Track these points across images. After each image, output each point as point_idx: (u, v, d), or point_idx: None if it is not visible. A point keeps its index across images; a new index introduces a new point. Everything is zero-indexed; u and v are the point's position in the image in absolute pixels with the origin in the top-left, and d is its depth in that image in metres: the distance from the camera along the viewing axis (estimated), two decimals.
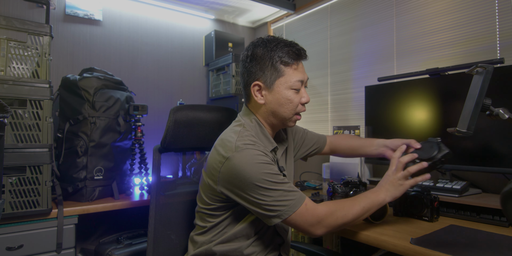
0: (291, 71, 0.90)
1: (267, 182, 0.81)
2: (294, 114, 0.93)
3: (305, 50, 0.94)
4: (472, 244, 0.85)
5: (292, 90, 0.91)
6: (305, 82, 0.94)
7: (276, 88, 0.91)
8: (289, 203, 0.81)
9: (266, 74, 0.90)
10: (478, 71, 0.87)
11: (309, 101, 0.94)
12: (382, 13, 1.83)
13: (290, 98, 0.91)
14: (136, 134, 1.70)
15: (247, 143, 0.85)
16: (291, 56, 0.89)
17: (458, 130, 0.84)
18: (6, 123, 0.78)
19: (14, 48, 1.22)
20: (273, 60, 0.89)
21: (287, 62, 0.89)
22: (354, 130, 1.71)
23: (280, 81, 0.90)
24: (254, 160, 0.81)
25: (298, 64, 0.92)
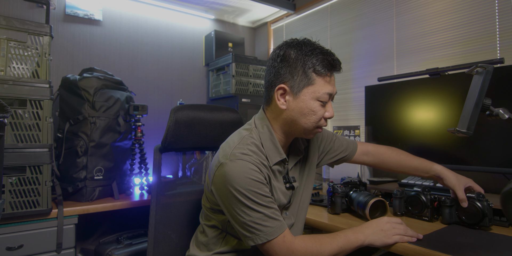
0: (322, 81, 0.83)
1: (250, 200, 0.78)
2: (315, 127, 0.87)
3: (340, 62, 0.86)
4: (472, 244, 0.85)
5: (318, 102, 0.84)
6: (333, 96, 0.88)
7: (302, 96, 0.84)
8: (266, 229, 0.78)
9: (295, 79, 0.84)
10: (478, 71, 0.87)
11: (333, 116, 0.88)
12: (382, 13, 1.83)
13: (314, 109, 0.84)
14: (136, 134, 1.70)
15: (244, 153, 0.81)
16: (325, 65, 0.83)
17: (458, 130, 0.84)
18: (6, 123, 0.78)
19: (14, 48, 1.22)
20: (305, 66, 0.82)
21: (320, 71, 0.82)
22: (354, 130, 1.71)
23: (308, 89, 0.83)
24: (245, 174, 0.78)
25: (331, 76, 0.85)
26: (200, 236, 0.98)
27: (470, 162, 1.26)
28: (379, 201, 1.11)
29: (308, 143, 1.03)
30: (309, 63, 0.82)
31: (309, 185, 1.03)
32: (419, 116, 1.42)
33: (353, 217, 1.18)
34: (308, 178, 1.02)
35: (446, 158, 1.33)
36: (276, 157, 0.88)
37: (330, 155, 1.12)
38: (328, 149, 1.11)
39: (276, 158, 0.88)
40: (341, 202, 1.22)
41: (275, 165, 0.89)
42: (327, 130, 1.14)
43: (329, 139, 1.11)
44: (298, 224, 1.00)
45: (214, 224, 0.93)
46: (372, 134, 1.61)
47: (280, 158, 0.89)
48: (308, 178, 1.02)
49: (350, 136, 1.73)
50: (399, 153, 1.15)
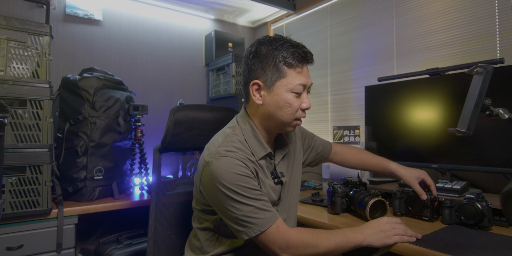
0: (294, 73, 0.85)
1: (239, 195, 0.78)
2: (293, 119, 0.88)
3: (312, 54, 0.88)
4: (472, 244, 0.85)
5: (293, 94, 0.85)
6: (308, 87, 0.89)
7: (276, 89, 0.86)
8: (258, 221, 0.79)
9: (268, 73, 0.86)
10: (478, 71, 0.87)
11: (310, 107, 0.89)
12: (382, 13, 1.83)
13: (289, 101, 0.85)
14: (136, 134, 1.70)
15: (228, 150, 0.82)
16: (296, 57, 0.85)
17: (458, 130, 0.84)
18: (6, 123, 0.78)
19: (14, 48, 1.22)
20: (276, 60, 0.85)
21: (291, 63, 0.84)
22: (354, 130, 1.71)
23: (281, 82, 0.85)
24: (231, 170, 0.79)
25: (303, 67, 0.87)
26: (193, 240, 0.98)
27: (470, 162, 1.26)
28: (379, 201, 1.11)
29: (293, 139, 1.06)
30: (279, 56, 0.84)
31: (297, 181, 1.05)
32: (419, 116, 1.42)
33: (353, 217, 1.18)
34: (296, 174, 1.04)
35: (446, 158, 1.33)
36: (261, 152, 0.89)
37: (314, 152, 1.17)
38: (311, 146, 1.16)
39: (262, 153, 0.89)
40: (341, 202, 1.22)
41: (261, 160, 0.90)
42: (308, 131, 1.19)
43: (310, 137, 1.17)
44: (290, 219, 1.01)
45: (207, 226, 0.93)
46: (372, 134, 1.61)
47: (265, 152, 0.90)
48: (296, 173, 1.04)
49: (350, 136, 1.73)
50: (360, 152, 1.24)
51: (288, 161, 1.02)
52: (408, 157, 1.46)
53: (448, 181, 1.31)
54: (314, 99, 2.26)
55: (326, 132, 2.16)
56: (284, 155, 0.99)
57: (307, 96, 0.89)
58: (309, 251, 0.80)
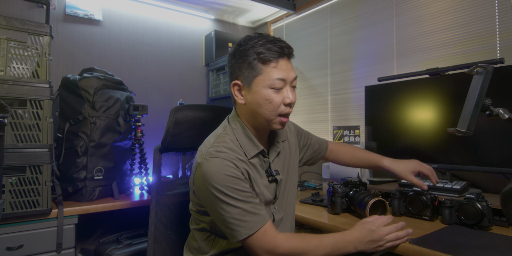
0: (269, 69, 0.83)
1: (227, 196, 0.78)
2: (276, 116, 0.85)
3: (290, 47, 0.86)
4: (472, 244, 0.85)
5: (272, 90, 0.83)
6: (292, 81, 0.86)
7: (255, 87, 0.84)
8: (245, 224, 0.78)
9: (244, 72, 0.85)
10: (478, 71, 0.87)
11: (294, 102, 0.86)
12: (382, 13, 1.83)
13: (269, 98, 0.83)
14: (136, 134, 1.70)
15: (219, 151, 0.82)
16: (271, 53, 0.82)
17: (458, 130, 0.84)
18: (6, 123, 0.78)
19: (14, 48, 1.22)
20: (250, 58, 0.83)
21: (265, 59, 0.82)
22: (354, 130, 1.71)
23: (258, 79, 0.84)
24: (221, 171, 0.79)
25: (278, 61, 0.83)
26: (191, 241, 0.99)
27: (470, 162, 1.26)
28: (379, 201, 1.11)
29: (288, 137, 1.06)
30: (253, 54, 0.83)
31: (294, 179, 1.05)
32: (419, 116, 1.42)
33: (353, 217, 1.18)
34: (292, 172, 1.04)
35: (446, 158, 1.33)
36: (253, 150, 0.89)
37: (310, 151, 1.17)
38: (307, 144, 1.16)
39: (254, 151, 0.89)
40: (341, 202, 1.22)
41: (253, 158, 0.89)
42: (303, 129, 1.19)
43: (306, 135, 1.17)
44: (288, 218, 1.01)
45: (203, 227, 0.93)
46: (372, 134, 1.61)
47: (258, 150, 0.90)
48: (292, 171, 1.04)
49: (350, 136, 1.73)
50: (354, 150, 1.23)
51: (283, 159, 1.01)
52: (408, 157, 1.44)
53: (448, 181, 1.31)
54: (314, 99, 2.26)
55: (326, 132, 2.15)
56: (278, 152, 0.98)
57: (291, 90, 0.86)
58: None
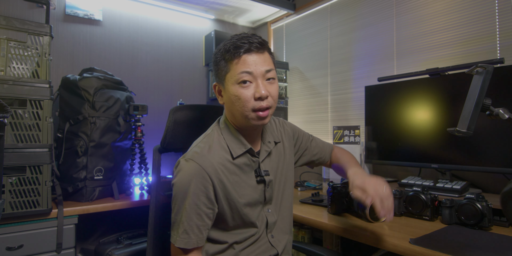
0: (233, 65, 0.83)
1: (178, 199, 0.83)
2: (250, 111, 0.83)
3: (258, 42, 0.84)
4: (472, 244, 0.85)
5: (239, 85, 0.82)
6: (264, 74, 0.83)
7: (226, 86, 0.85)
8: (176, 234, 0.83)
9: (218, 74, 0.88)
10: (478, 71, 0.87)
11: (266, 95, 0.82)
12: (382, 13, 1.83)
13: (237, 93, 0.82)
14: (136, 134, 1.70)
15: (198, 152, 0.85)
16: (235, 50, 0.82)
17: (458, 130, 0.84)
18: (6, 123, 0.78)
19: (14, 48, 1.22)
20: (219, 58, 0.86)
21: (228, 57, 0.83)
22: (354, 130, 1.71)
23: (227, 78, 0.84)
24: (188, 176, 0.82)
25: (242, 57, 0.82)
26: None
27: (470, 162, 1.26)
28: None
29: (282, 138, 1.03)
30: (220, 55, 0.86)
31: (289, 181, 1.02)
32: (419, 116, 1.42)
33: (353, 217, 1.18)
34: (286, 173, 1.01)
35: (446, 158, 1.33)
36: (240, 149, 0.89)
37: (308, 155, 1.12)
38: (304, 148, 1.11)
39: (241, 149, 0.89)
40: (341, 202, 1.22)
41: (240, 158, 0.89)
42: (304, 131, 1.14)
43: (305, 139, 1.12)
44: (284, 221, 0.99)
45: None
46: (372, 134, 1.61)
47: (245, 148, 0.89)
48: (286, 173, 1.01)
49: (350, 136, 1.73)
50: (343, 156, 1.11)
51: (276, 161, 0.99)
52: (408, 157, 1.46)
53: (448, 181, 1.31)
54: (314, 99, 2.26)
55: (326, 132, 2.16)
56: (269, 153, 0.96)
57: (262, 83, 0.83)
58: None
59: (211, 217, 0.85)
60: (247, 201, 0.89)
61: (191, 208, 0.82)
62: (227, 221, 0.88)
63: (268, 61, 0.85)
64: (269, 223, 0.94)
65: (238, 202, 0.87)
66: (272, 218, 0.95)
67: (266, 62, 0.84)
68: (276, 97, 0.86)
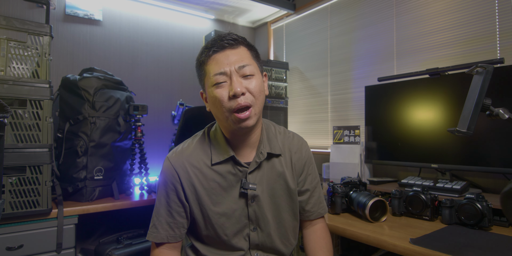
0: (207, 67, 0.79)
1: (157, 195, 0.86)
2: (229, 113, 0.76)
3: (228, 37, 0.79)
4: (472, 244, 0.85)
5: (214, 87, 0.77)
6: (237, 70, 0.76)
7: (207, 90, 0.81)
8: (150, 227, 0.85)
9: (199, 80, 0.85)
10: (478, 71, 0.87)
11: (241, 92, 0.74)
12: (382, 13, 1.83)
13: (214, 96, 0.77)
14: (136, 134, 1.70)
15: (176, 151, 0.87)
16: (206, 53, 0.79)
17: (458, 130, 0.84)
18: (6, 123, 0.78)
19: (14, 48, 1.21)
20: (196, 64, 0.83)
21: (203, 61, 0.80)
22: (354, 130, 1.71)
23: (205, 82, 0.81)
24: (164, 173, 0.85)
25: (213, 57, 0.78)
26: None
27: (470, 162, 1.26)
28: (379, 201, 1.11)
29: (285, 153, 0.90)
30: (197, 60, 0.83)
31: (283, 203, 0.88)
32: (419, 116, 1.42)
33: (353, 217, 1.18)
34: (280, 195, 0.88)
35: (446, 158, 1.33)
36: (221, 155, 0.83)
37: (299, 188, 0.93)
38: (303, 181, 0.94)
39: (222, 156, 0.83)
40: (341, 202, 1.22)
41: (222, 165, 0.83)
42: (314, 166, 0.97)
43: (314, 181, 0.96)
44: (274, 243, 0.87)
45: None
46: (372, 134, 1.61)
47: (227, 156, 0.83)
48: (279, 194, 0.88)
49: (350, 136, 1.73)
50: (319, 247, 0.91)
51: (268, 176, 0.87)
52: (408, 157, 1.46)
53: (448, 181, 1.31)
54: (314, 99, 2.26)
55: (326, 132, 2.16)
56: (260, 164, 0.85)
57: (236, 80, 0.76)
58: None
59: (183, 216, 0.85)
60: (223, 211, 0.83)
61: (162, 205, 0.85)
62: (200, 228, 0.84)
63: (243, 56, 0.78)
64: (251, 243, 0.86)
65: (210, 210, 0.82)
66: (257, 238, 0.86)
67: (240, 57, 0.78)
68: (257, 93, 0.78)
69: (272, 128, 0.93)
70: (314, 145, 2.22)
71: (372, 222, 1.09)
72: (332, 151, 1.76)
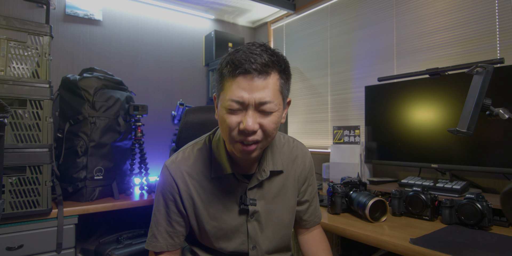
0: (228, 85, 0.68)
1: (155, 203, 0.83)
2: (233, 141, 0.71)
3: (259, 61, 0.65)
4: (472, 244, 0.85)
5: (225, 110, 0.69)
6: (257, 106, 0.67)
7: (219, 106, 0.72)
8: (149, 237, 0.84)
9: (216, 84, 0.75)
10: (478, 71, 0.87)
11: (252, 130, 0.67)
12: (382, 13, 1.83)
13: (224, 119, 0.69)
14: (136, 134, 1.70)
15: (174, 160, 0.82)
16: (230, 70, 0.67)
17: (458, 130, 0.84)
18: (6, 123, 0.78)
19: (14, 48, 1.21)
20: (218, 68, 0.72)
21: (225, 72, 0.68)
22: (354, 130, 1.71)
23: (221, 95, 0.71)
24: (162, 182, 0.82)
25: (236, 77, 0.66)
26: None
27: (470, 162, 1.26)
28: (379, 201, 1.11)
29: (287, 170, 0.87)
30: (220, 65, 0.71)
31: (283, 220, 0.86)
32: (419, 116, 1.42)
33: (353, 217, 1.18)
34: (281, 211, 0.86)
35: (446, 158, 1.33)
36: (221, 170, 0.80)
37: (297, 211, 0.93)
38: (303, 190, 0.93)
39: (220, 172, 0.80)
40: (341, 202, 1.22)
41: (223, 178, 0.81)
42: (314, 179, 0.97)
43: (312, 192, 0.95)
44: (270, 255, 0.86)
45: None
46: (372, 134, 1.61)
47: (224, 172, 0.79)
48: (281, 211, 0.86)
49: (350, 136, 1.73)
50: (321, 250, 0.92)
51: (270, 188, 0.85)
52: (408, 157, 1.46)
53: (448, 181, 1.31)
54: (314, 99, 2.26)
55: (326, 132, 2.16)
56: (261, 182, 0.82)
57: (252, 115, 0.67)
58: None
59: (183, 225, 0.83)
60: (220, 225, 0.81)
61: (161, 215, 0.82)
62: (198, 237, 0.85)
63: (269, 90, 0.67)
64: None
65: (207, 223, 0.80)
66: (255, 254, 0.84)
67: (265, 92, 0.67)
68: (270, 131, 0.70)
69: (276, 143, 0.88)
70: (314, 145, 2.21)
71: (372, 222, 1.09)
72: (332, 151, 1.76)
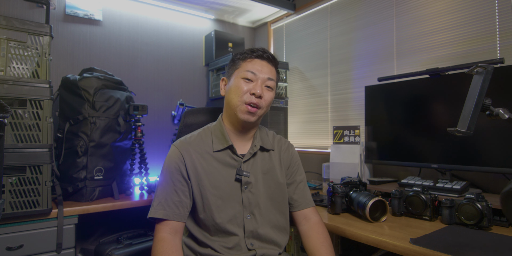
0: (244, 63, 0.97)
1: (161, 176, 0.95)
2: (242, 102, 0.94)
3: (272, 55, 1.01)
4: (472, 244, 0.85)
5: (242, 80, 0.95)
6: (264, 80, 0.96)
7: (232, 79, 0.99)
8: (154, 205, 0.91)
9: (229, 70, 1.02)
10: (478, 71, 0.87)
11: (260, 95, 0.94)
12: (382, 13, 1.83)
13: (238, 85, 0.95)
14: (136, 134, 1.70)
15: (181, 139, 0.99)
16: (251, 53, 0.98)
17: (458, 130, 0.84)
18: (6, 123, 0.78)
19: (14, 48, 1.21)
20: (235, 57, 1.01)
21: (243, 57, 0.98)
22: (354, 130, 1.71)
23: (235, 72, 0.98)
24: (169, 157, 0.96)
25: (254, 59, 0.97)
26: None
27: (470, 162, 1.26)
28: (379, 201, 1.11)
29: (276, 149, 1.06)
30: (238, 55, 1.01)
31: (274, 193, 0.99)
32: (419, 116, 1.42)
33: (353, 217, 1.18)
34: (271, 184, 1.00)
35: (446, 158, 1.33)
36: (221, 144, 0.97)
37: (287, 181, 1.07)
38: (290, 174, 1.07)
39: (223, 145, 0.97)
40: (341, 202, 1.22)
41: (221, 153, 0.97)
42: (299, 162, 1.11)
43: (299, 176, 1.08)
44: (269, 232, 0.96)
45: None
46: (372, 134, 1.61)
47: (227, 144, 0.97)
48: (271, 183, 1.00)
49: (350, 136, 1.73)
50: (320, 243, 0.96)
51: (262, 165, 1.01)
52: (408, 157, 1.46)
53: (448, 181, 1.31)
54: (314, 99, 2.26)
55: (326, 132, 2.16)
56: (254, 155, 1.00)
57: (261, 87, 0.95)
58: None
59: (187, 195, 0.93)
60: (219, 193, 0.93)
61: (168, 184, 0.92)
62: (198, 210, 0.93)
63: (273, 73, 1.00)
64: (246, 230, 0.93)
65: (208, 191, 0.92)
66: (251, 225, 0.94)
67: (271, 72, 0.99)
68: (268, 103, 0.97)
69: (264, 130, 1.09)
70: (314, 145, 2.22)
71: (372, 222, 1.09)
72: (332, 151, 1.76)
